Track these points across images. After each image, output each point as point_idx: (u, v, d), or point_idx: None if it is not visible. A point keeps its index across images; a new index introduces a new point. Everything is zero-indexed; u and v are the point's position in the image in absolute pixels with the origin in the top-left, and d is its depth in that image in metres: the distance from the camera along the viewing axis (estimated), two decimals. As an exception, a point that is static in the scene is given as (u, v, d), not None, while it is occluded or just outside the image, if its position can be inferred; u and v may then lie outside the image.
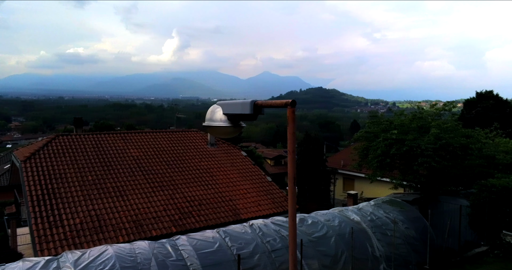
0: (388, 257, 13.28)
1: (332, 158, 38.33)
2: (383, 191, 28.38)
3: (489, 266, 12.35)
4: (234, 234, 11.51)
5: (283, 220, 13.17)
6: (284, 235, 12.11)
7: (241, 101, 3.07)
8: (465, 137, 15.83)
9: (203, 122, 3.60)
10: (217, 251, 10.55)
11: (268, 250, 11.30)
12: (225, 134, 3.42)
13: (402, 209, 15.37)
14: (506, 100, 38.22)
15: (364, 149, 17.05)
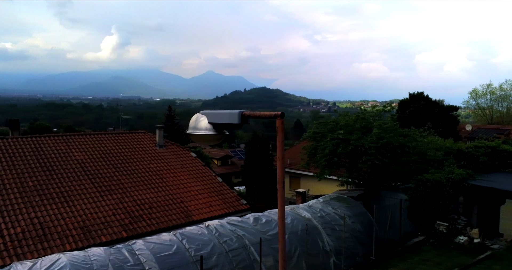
0: (338, 251, 14.05)
1: (278, 157, 39.22)
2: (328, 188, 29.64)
3: (426, 253, 13.55)
4: (191, 236, 11.55)
5: (238, 220, 13.43)
6: (240, 234, 12.36)
7: (229, 111, 3.27)
8: (403, 136, 17.16)
9: (186, 130, 3.74)
10: (175, 253, 10.54)
11: (225, 250, 11.49)
12: (209, 142, 3.60)
13: (348, 205, 16.30)
14: (435, 101, 41.66)
15: (313, 148, 17.80)
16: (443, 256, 13.15)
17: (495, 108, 59.65)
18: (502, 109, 59.68)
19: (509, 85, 58.88)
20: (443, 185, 15.20)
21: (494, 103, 59.39)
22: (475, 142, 18.58)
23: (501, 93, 58.97)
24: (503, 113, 59.09)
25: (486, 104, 59.88)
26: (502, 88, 58.72)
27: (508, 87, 58.84)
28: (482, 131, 41.69)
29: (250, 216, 13.97)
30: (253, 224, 13.25)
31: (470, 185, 15.17)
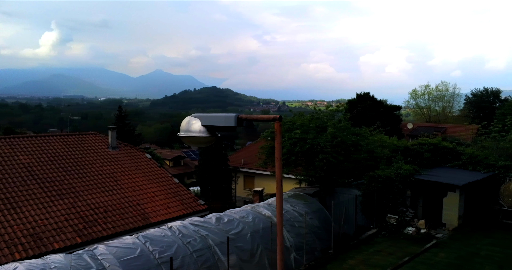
0: (298, 246, 14.52)
1: (233, 156, 39.45)
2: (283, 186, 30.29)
3: (379, 245, 14.41)
4: (154, 238, 11.41)
5: (201, 220, 13.44)
6: (203, 234, 12.40)
7: (224, 114, 3.41)
8: (355, 135, 18.06)
9: (178, 133, 3.83)
10: (139, 257, 10.37)
11: (190, 251, 11.48)
12: (202, 144, 3.72)
13: (306, 202, 16.86)
14: (380, 101, 44.00)
15: (271, 148, 18.18)
16: (395, 246, 14.07)
17: (432, 107, 64.14)
18: (438, 108, 64.32)
19: (444, 86, 63.64)
20: (393, 180, 16.23)
21: (431, 102, 63.89)
22: (419, 140, 19.97)
23: (438, 94, 63.57)
24: (439, 112, 63.69)
25: (424, 103, 64.22)
26: (438, 89, 63.32)
27: (443, 88, 63.58)
28: (422, 129, 44.65)
29: (212, 216, 14.03)
30: (216, 223, 13.33)
31: (416, 180, 16.33)
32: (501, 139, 20.82)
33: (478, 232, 14.98)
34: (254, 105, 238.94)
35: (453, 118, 61.86)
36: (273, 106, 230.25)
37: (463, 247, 13.36)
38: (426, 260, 12.34)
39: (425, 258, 12.58)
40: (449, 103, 64.70)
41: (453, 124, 51.86)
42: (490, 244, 13.56)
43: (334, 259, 13.28)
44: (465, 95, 64.62)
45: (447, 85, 63.43)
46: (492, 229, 15.31)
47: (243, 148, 44.68)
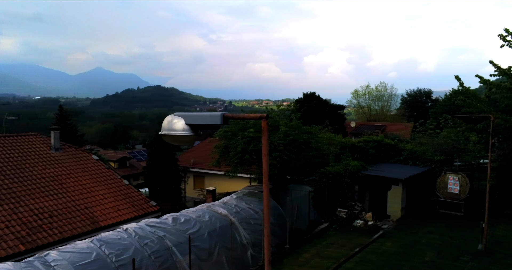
0: (254, 243, 14.80)
1: (182, 156, 39.00)
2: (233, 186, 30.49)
3: (331, 238, 15.11)
4: (109, 241, 11.08)
5: (157, 221, 13.25)
6: (160, 235, 12.24)
7: (210, 113, 3.53)
8: (306, 133, 18.72)
9: (160, 131, 3.87)
10: (95, 261, 10.03)
11: (147, 253, 11.29)
12: (185, 142, 3.80)
13: (260, 199, 17.20)
14: (325, 100, 45.70)
15: (225, 147, 18.29)
16: (345, 238, 14.83)
17: (372, 106, 67.83)
18: (378, 107, 68.17)
19: (383, 87, 67.55)
20: (342, 176, 17.07)
21: (371, 102, 67.53)
22: (364, 137, 21.13)
23: (377, 93, 67.32)
24: (378, 111, 67.53)
25: (365, 103, 67.69)
26: (377, 89, 67.06)
27: (382, 88, 67.48)
28: (364, 127, 47.07)
29: (168, 216, 13.88)
30: (173, 224, 13.21)
31: (364, 175, 17.30)
32: (435, 136, 22.65)
33: (419, 221, 16.22)
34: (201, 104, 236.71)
35: (391, 117, 65.90)
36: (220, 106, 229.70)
37: (406, 236, 14.42)
38: (375, 250, 13.17)
39: (373, 248, 13.42)
40: (387, 102, 68.84)
41: (391, 122, 55.30)
42: (430, 232, 14.76)
43: (290, 253, 13.71)
44: (401, 95, 69.20)
45: (385, 86, 67.44)
46: (430, 219, 16.65)
47: (192, 148, 44.25)
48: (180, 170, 35.73)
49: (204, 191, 31.87)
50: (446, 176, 17.51)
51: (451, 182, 17.25)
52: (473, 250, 12.60)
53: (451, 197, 17.22)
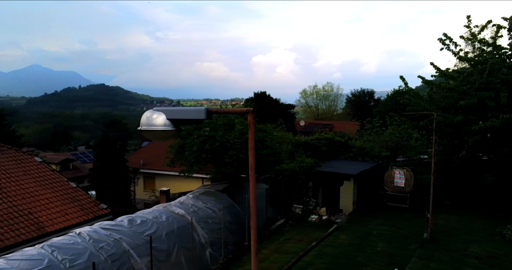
0: (212, 242, 14.74)
1: (131, 157, 37.75)
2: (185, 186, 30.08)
3: (288, 233, 15.45)
4: (62, 247, 10.50)
5: (112, 224, 12.77)
6: (117, 238, 11.81)
7: (194, 108, 3.52)
8: (262, 132, 18.95)
9: (139, 127, 3.79)
10: (47, 268, 9.46)
11: (104, 257, 10.86)
12: (165, 138, 3.75)
13: (217, 198, 17.15)
14: (275, 99, 46.45)
15: (180, 146, 18.02)
16: (302, 233, 15.23)
17: (320, 106, 70.11)
18: (325, 107, 70.60)
19: (330, 87, 70.05)
20: (297, 172, 17.49)
21: (319, 101, 69.79)
22: (316, 135, 21.81)
23: (324, 93, 69.68)
24: (325, 110, 69.95)
25: (313, 102, 69.75)
26: (324, 89, 69.42)
27: (329, 88, 69.96)
28: (313, 126, 48.44)
29: (124, 218, 13.43)
30: (129, 226, 12.79)
31: (317, 171, 17.86)
32: (381, 134, 23.93)
33: (369, 214, 17.07)
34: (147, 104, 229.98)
35: (338, 116, 68.52)
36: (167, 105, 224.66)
37: (359, 228, 15.11)
38: (331, 243, 13.67)
39: (329, 241, 13.92)
40: (334, 102, 71.52)
41: (338, 121, 57.53)
42: (380, 224, 15.59)
43: (249, 250, 13.83)
44: (346, 95, 72.19)
45: (332, 86, 70.01)
46: (379, 211, 17.58)
47: (142, 148, 43.01)
48: (129, 171, 34.59)
49: (156, 192, 31.14)
50: (393, 170, 18.57)
51: (397, 176, 18.32)
52: (420, 239, 13.51)
53: (397, 190, 18.30)
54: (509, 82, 13.74)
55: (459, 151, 15.29)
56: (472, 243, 12.91)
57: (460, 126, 14.77)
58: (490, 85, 14.21)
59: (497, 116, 13.53)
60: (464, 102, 14.08)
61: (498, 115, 13.49)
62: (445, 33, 16.25)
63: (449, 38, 16.14)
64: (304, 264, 11.81)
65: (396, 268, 9.09)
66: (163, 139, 3.82)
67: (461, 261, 11.47)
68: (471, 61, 15.99)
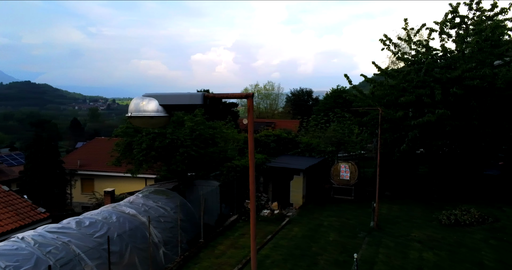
0: (165, 241, 14.40)
1: (67, 158, 35.51)
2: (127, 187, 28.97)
3: (242, 229, 15.54)
4: (4, 253, 9.66)
5: (58, 227, 11.98)
6: (65, 241, 11.11)
7: (188, 93, 3.47)
8: (212, 129, 18.85)
9: (128, 114, 3.66)
10: (-10, 276, 8.66)
11: (52, 261, 10.15)
12: (157, 124, 3.65)
13: (168, 196, 16.76)
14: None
15: (127, 144, 17.34)
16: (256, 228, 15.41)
17: (261, 105, 71.21)
18: (266, 105, 71.84)
19: (271, 86, 71.47)
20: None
21: (260, 100, 70.87)
22: (265, 132, 22.16)
23: (265, 92, 70.91)
24: (267, 109, 71.21)
25: (254, 101, 70.64)
26: (266, 88, 70.65)
27: (270, 88, 71.33)
28: (256, 124, 49.02)
29: (70, 220, 12.65)
30: (77, 228, 12.08)
31: (268, 167, 18.16)
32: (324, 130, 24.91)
33: (318, 207, 17.71)
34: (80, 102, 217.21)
35: (279, 114, 70.10)
36: (102, 104, 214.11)
37: (310, 221, 15.64)
38: (285, 236, 14.00)
39: (283, 234, 14.24)
40: (275, 101, 73.09)
41: (280, 119, 58.86)
42: (329, 216, 16.26)
43: (205, 247, 13.73)
44: (286, 94, 74.10)
45: (273, 85, 71.47)
46: (327, 204, 18.31)
47: (78, 149, 40.58)
48: (66, 173, 32.54)
49: (97, 194, 29.61)
50: (339, 164, 19.45)
51: (342, 170, 19.22)
52: (367, 227, 14.32)
53: (343, 183, 19.20)
54: (442, 80, 15.04)
55: (399, 145, 16.44)
56: (413, 228, 13.95)
57: (400, 121, 15.89)
58: (426, 83, 15.45)
59: (433, 111, 14.76)
60: (404, 99, 15.17)
61: (434, 111, 14.72)
62: (385, 34, 17.39)
63: (389, 39, 17.28)
64: (261, 257, 11.98)
65: (355, 253, 9.58)
66: (155, 126, 3.70)
67: (405, 246, 12.36)
68: (408, 61, 17.24)
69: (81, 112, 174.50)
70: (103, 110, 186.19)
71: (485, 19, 15.76)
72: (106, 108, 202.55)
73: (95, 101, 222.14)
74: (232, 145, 22.66)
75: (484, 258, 11.04)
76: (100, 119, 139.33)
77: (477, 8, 16.11)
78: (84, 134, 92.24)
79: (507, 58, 15.79)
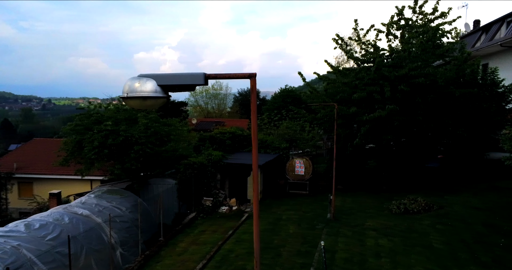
0: (122, 242, 13.88)
1: (1, 161, 32.88)
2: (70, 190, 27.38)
3: (201, 226, 15.40)
4: None
5: (5, 230, 11.14)
6: (14, 245, 10.33)
7: (189, 72, 3.43)
8: (167, 126, 18.46)
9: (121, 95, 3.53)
10: None
11: (1, 267, 9.39)
12: (154, 105, 3.55)
13: (122, 196, 16.14)
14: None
15: (77, 142, 16.46)
16: (215, 225, 15.34)
17: (210, 104, 70.83)
18: (215, 105, 71.57)
19: (219, 86, 71.28)
20: (206, 166, 17.51)
21: (208, 100, 70.47)
22: (220, 129, 22.09)
23: (214, 92, 70.61)
24: (215, 109, 70.95)
25: (203, 101, 70.13)
26: (214, 88, 70.29)
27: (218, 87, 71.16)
28: (205, 124, 48.59)
29: (18, 223, 11.81)
30: (26, 231, 11.29)
31: (225, 164, 18.14)
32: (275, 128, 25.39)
33: (276, 202, 17.99)
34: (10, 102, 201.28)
35: (227, 114, 70.15)
36: (36, 104, 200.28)
37: (269, 215, 15.85)
38: (246, 230, 14.08)
39: (244, 229, 14.32)
40: (223, 100, 73.02)
41: (229, 119, 58.93)
42: (287, 210, 16.59)
43: (165, 245, 13.43)
44: (234, 94, 74.41)
45: (221, 85, 71.21)
46: (284, 198, 18.67)
47: (14, 151, 37.64)
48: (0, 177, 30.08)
49: (38, 197, 27.72)
50: (294, 160, 19.92)
51: (297, 165, 19.71)
52: (324, 219, 14.81)
53: (298, 178, 19.69)
54: (390, 78, 15.98)
55: (352, 140, 17.20)
56: (367, 218, 14.67)
57: (353, 116, 16.64)
58: (376, 81, 16.33)
59: (383, 107, 15.64)
60: (357, 95, 15.91)
61: (384, 107, 15.60)
62: (338, 34, 18.13)
63: (341, 39, 18.03)
64: (225, 251, 11.97)
65: (322, 241, 9.90)
66: (150, 107, 3.59)
67: (362, 234, 12.96)
68: (358, 60, 18.09)
69: (12, 112, 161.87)
70: (37, 110, 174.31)
71: (427, 22, 16.99)
72: (41, 108, 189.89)
73: (28, 101, 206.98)
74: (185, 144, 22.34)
75: (433, 241, 11.91)
76: (34, 120, 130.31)
77: (419, 11, 17.31)
78: (17, 136, 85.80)
79: (447, 58, 17.16)
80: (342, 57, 44.53)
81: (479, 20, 28.75)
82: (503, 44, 20.49)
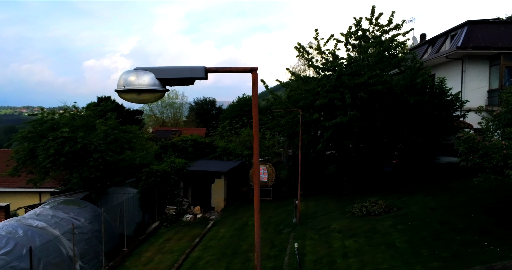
0: (82, 254, 13.17)
1: None
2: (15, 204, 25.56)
3: (166, 234, 15.00)
4: None
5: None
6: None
7: (188, 66, 3.40)
8: (127, 133, 17.88)
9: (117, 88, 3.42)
10: None
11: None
12: (152, 99, 3.48)
13: (80, 206, 15.35)
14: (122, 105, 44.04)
15: (30, 151, 15.49)
16: (180, 233, 15.00)
17: (165, 113, 69.62)
18: (171, 114, 70.42)
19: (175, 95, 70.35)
20: (169, 173, 17.13)
21: (164, 109, 69.23)
22: (181, 137, 21.76)
23: (169, 101, 69.57)
24: (171, 118, 69.80)
25: (158, 110, 68.84)
26: (170, 97, 69.26)
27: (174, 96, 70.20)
28: (161, 133, 47.64)
29: (-34, 237, 10.85)
30: (-24, 245, 10.41)
31: (189, 171, 17.85)
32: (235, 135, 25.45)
33: (240, 208, 17.95)
34: None
35: (184, 123, 69.22)
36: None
37: (234, 221, 15.77)
38: (213, 237, 13.90)
39: (211, 236, 14.13)
40: (179, 109, 72.04)
41: (185, 128, 58.20)
42: (252, 216, 16.58)
43: (129, 255, 12.91)
44: (190, 103, 73.79)
45: (177, 94, 70.25)
46: (248, 205, 18.64)
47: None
48: None
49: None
50: (257, 167, 19.99)
51: (261, 172, 19.80)
52: (290, 223, 14.97)
53: (261, 185, 19.76)
54: (350, 86, 16.63)
55: (315, 146, 17.59)
56: (331, 221, 15.01)
57: (316, 123, 17.06)
58: (336, 88, 16.90)
59: (344, 114, 16.19)
60: (319, 102, 16.35)
61: (345, 113, 16.16)
62: (299, 42, 18.62)
63: (303, 47, 18.53)
64: (193, 259, 11.73)
65: (295, 243, 10.00)
66: (146, 101, 3.50)
67: (328, 236, 13.23)
68: (318, 68, 18.66)
69: None
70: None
71: (383, 33, 17.92)
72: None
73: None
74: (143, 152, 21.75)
75: (396, 240, 12.40)
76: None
77: (375, 23, 18.23)
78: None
79: (402, 68, 18.16)
80: (299, 67, 45.75)
81: (425, 34, 30.77)
82: (448, 56, 22.09)
